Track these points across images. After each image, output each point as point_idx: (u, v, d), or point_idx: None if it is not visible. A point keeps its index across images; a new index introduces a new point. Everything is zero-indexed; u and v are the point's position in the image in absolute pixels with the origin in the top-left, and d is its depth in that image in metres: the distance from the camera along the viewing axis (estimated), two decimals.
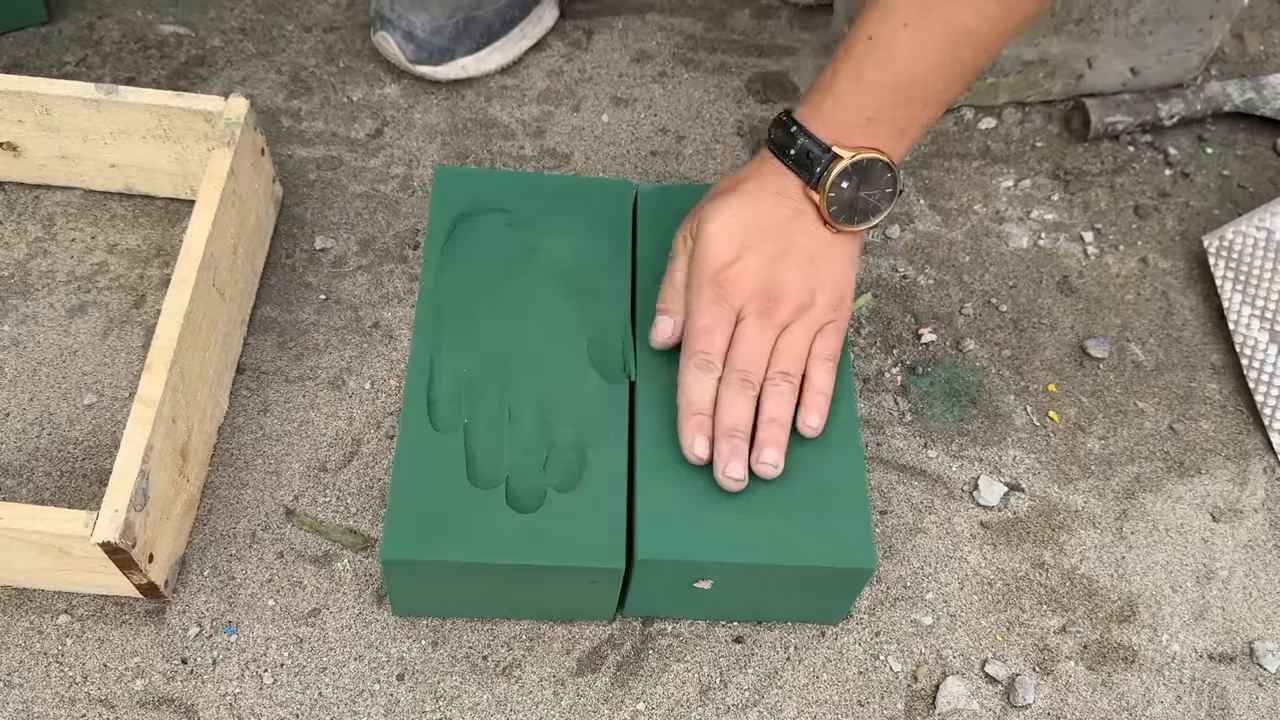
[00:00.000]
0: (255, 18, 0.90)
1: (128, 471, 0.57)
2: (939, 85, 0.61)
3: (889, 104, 0.61)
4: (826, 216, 0.62)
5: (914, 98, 0.61)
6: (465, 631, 0.63)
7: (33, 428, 0.68)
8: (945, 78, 0.61)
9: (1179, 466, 0.73)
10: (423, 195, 0.81)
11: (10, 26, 0.86)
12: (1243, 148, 0.89)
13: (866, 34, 0.60)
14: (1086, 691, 0.65)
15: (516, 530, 0.58)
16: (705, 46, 0.92)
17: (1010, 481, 0.71)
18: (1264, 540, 0.71)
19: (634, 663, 0.63)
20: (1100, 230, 0.84)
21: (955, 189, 0.85)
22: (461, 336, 0.64)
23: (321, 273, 0.76)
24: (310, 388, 0.71)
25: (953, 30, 0.59)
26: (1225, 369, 0.78)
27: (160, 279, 0.75)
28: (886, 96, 0.60)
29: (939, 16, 0.58)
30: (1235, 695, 0.65)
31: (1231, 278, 0.78)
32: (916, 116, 0.62)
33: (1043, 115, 0.90)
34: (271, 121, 0.84)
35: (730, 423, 0.60)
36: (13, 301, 0.73)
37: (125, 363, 0.71)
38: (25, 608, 0.63)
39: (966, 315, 0.79)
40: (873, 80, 0.60)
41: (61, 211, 0.77)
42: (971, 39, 0.60)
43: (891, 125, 0.61)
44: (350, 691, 0.61)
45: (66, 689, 0.60)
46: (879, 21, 0.59)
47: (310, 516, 0.67)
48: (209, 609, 0.63)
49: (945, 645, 0.65)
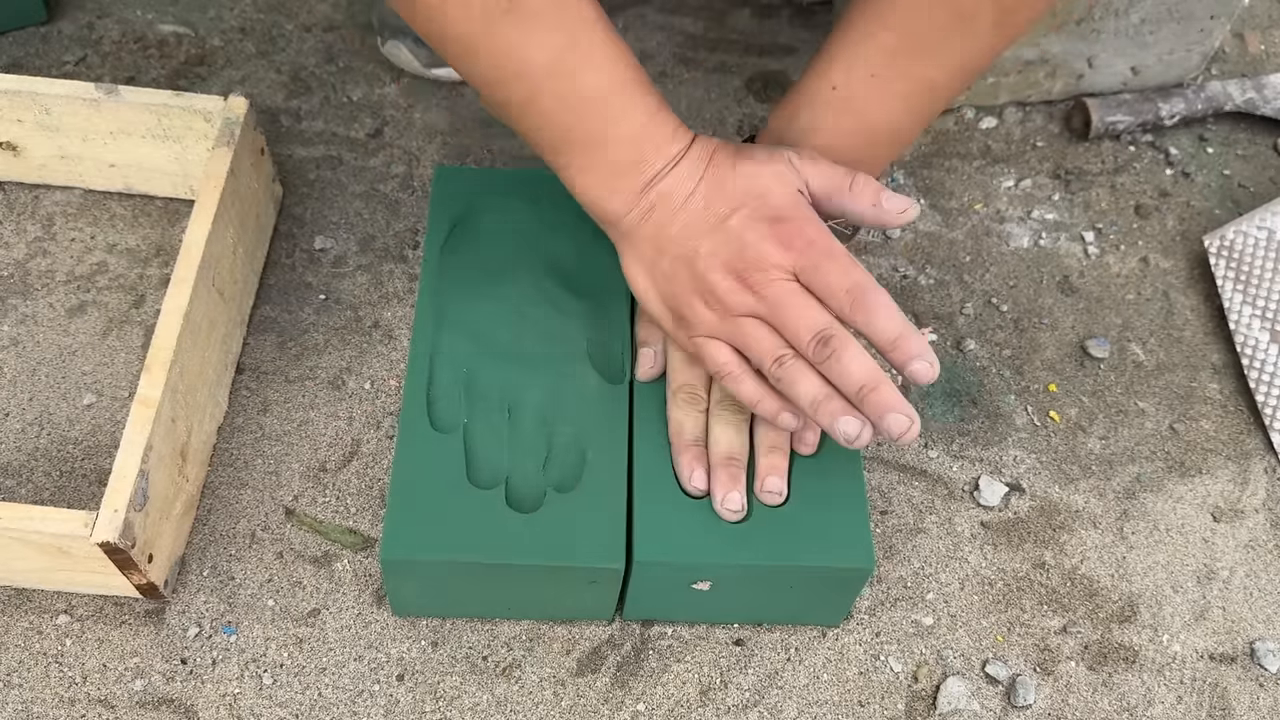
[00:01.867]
0: (255, 17, 0.90)
1: (127, 471, 0.57)
2: (905, 129, 0.61)
3: (851, 148, 0.60)
4: None
5: (878, 142, 0.61)
6: (465, 632, 0.63)
7: (32, 428, 0.68)
8: (912, 124, 0.61)
9: (1180, 466, 0.73)
10: (422, 195, 0.81)
11: (10, 26, 0.86)
12: (1243, 147, 0.89)
13: (831, 84, 0.59)
14: (1087, 692, 0.65)
15: (516, 530, 0.58)
16: (705, 46, 0.92)
17: (1011, 482, 0.71)
18: (1265, 540, 0.71)
19: (634, 663, 0.63)
20: (1101, 230, 0.84)
21: (956, 188, 0.85)
22: (461, 336, 0.64)
23: (321, 272, 0.76)
24: (310, 388, 0.71)
25: (919, 83, 0.59)
26: (1226, 369, 0.78)
27: (160, 279, 0.75)
28: (849, 141, 0.60)
29: (906, 70, 0.58)
30: (1236, 695, 0.65)
31: (1232, 277, 0.78)
32: (881, 156, 0.62)
33: (1043, 115, 0.90)
34: (271, 121, 0.84)
35: (725, 452, 0.60)
36: (12, 301, 0.73)
37: (125, 363, 0.71)
38: (25, 608, 0.63)
39: (967, 315, 0.79)
40: (841, 129, 0.60)
41: (61, 211, 0.77)
42: (939, 90, 0.60)
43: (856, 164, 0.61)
44: (350, 692, 0.61)
45: (66, 689, 0.60)
46: (845, 70, 0.59)
47: (310, 516, 0.67)
48: (208, 609, 0.63)
49: (946, 646, 0.65)
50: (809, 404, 0.55)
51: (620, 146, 0.56)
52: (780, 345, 0.55)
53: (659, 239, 0.57)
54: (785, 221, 0.55)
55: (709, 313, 0.56)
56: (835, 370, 0.54)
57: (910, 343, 0.53)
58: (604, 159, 0.56)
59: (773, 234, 0.55)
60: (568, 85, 0.54)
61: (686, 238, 0.56)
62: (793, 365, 0.55)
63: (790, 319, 0.54)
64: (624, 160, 0.56)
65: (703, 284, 0.56)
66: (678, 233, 0.56)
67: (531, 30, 0.52)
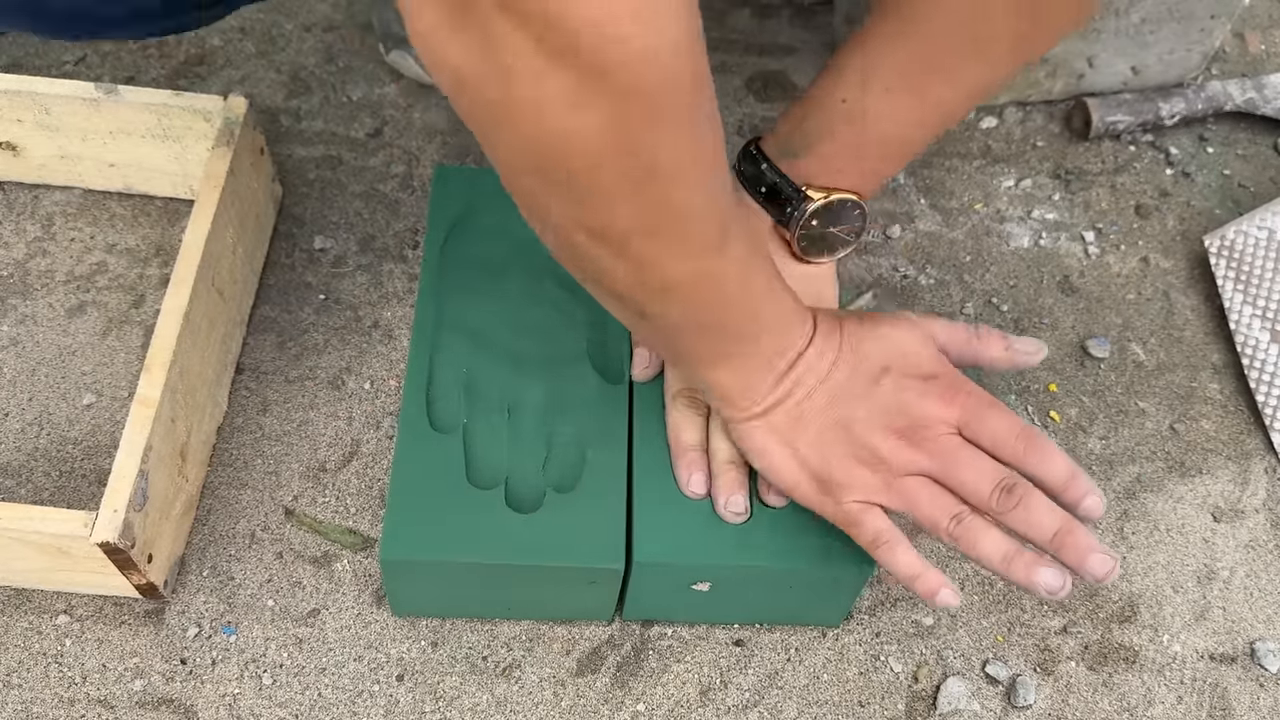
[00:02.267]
0: (255, 17, 0.89)
1: (127, 472, 0.57)
2: (915, 142, 0.61)
3: (860, 159, 0.60)
4: (796, 251, 0.62)
5: (888, 155, 0.61)
6: (465, 632, 0.63)
7: (32, 428, 0.68)
8: (923, 138, 0.61)
9: (1180, 466, 0.73)
10: (422, 195, 0.81)
11: None
12: (1244, 147, 0.89)
13: (840, 96, 0.59)
14: (1087, 692, 0.64)
15: (516, 530, 0.58)
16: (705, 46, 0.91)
17: None
18: (1265, 540, 0.71)
19: (634, 663, 0.63)
20: (1101, 230, 0.84)
21: (956, 188, 0.85)
22: (461, 336, 0.64)
23: (321, 272, 0.76)
24: (310, 388, 0.71)
25: (933, 102, 0.59)
26: (1226, 369, 0.78)
27: (159, 279, 0.75)
28: (859, 153, 0.60)
29: (921, 90, 0.58)
30: (1236, 695, 0.65)
31: (1233, 277, 0.78)
32: (891, 166, 0.62)
33: (1044, 114, 0.90)
34: (271, 121, 0.84)
35: (727, 457, 0.59)
36: (12, 301, 0.73)
37: (124, 363, 0.71)
38: (25, 608, 0.62)
39: (967, 315, 0.78)
40: (848, 140, 0.59)
41: (60, 211, 0.77)
42: (951, 109, 0.60)
43: (863, 175, 0.61)
44: (350, 692, 0.61)
45: (66, 689, 0.60)
46: (858, 85, 0.58)
47: (310, 517, 0.67)
48: (208, 609, 0.63)
49: (946, 646, 0.65)
50: (1000, 560, 0.53)
51: (771, 339, 0.54)
52: (955, 502, 0.54)
53: (802, 415, 0.55)
54: (939, 378, 0.55)
55: (871, 476, 0.55)
56: (1024, 519, 0.53)
57: (1082, 479, 0.53)
58: (756, 352, 0.54)
59: (930, 390, 0.55)
60: (749, 295, 0.52)
61: (837, 407, 0.55)
62: (972, 521, 0.53)
63: (966, 472, 0.53)
64: (773, 350, 0.54)
65: (863, 448, 0.54)
66: (825, 404, 0.55)
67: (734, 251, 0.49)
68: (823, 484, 0.55)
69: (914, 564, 0.54)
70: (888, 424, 0.54)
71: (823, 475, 0.55)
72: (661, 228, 0.45)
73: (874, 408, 0.55)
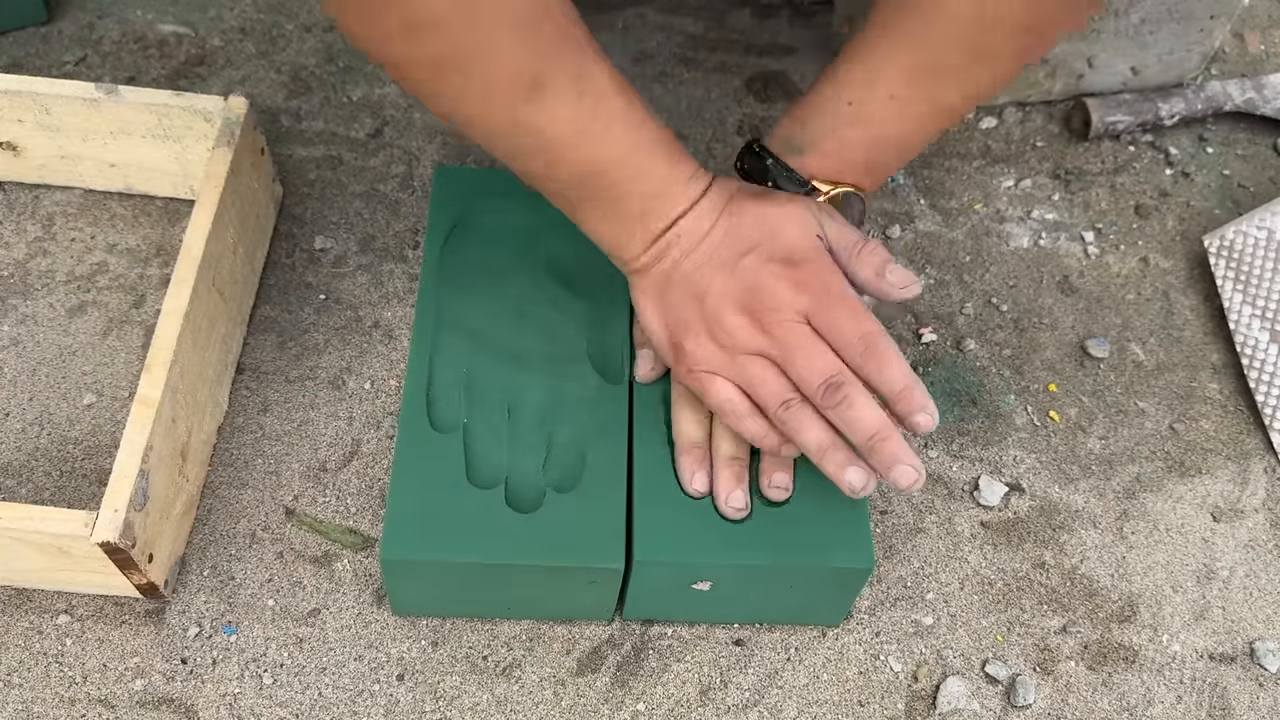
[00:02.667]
0: (255, 17, 0.90)
1: (127, 471, 0.57)
2: (916, 143, 0.62)
3: (864, 158, 0.60)
4: None
5: (891, 153, 0.61)
6: (465, 631, 0.63)
7: (32, 428, 0.68)
8: (923, 139, 0.62)
9: (1179, 466, 0.73)
10: (423, 195, 0.81)
11: (10, 26, 0.86)
12: (1243, 147, 0.89)
13: (846, 99, 0.59)
14: (1087, 692, 0.65)
15: (516, 530, 0.58)
16: (705, 46, 0.92)
17: (1011, 481, 0.71)
18: (1264, 540, 0.71)
19: (634, 663, 0.63)
20: (1101, 230, 0.84)
21: (955, 188, 0.85)
22: (461, 336, 0.64)
23: (321, 272, 0.76)
24: (310, 388, 0.71)
25: (936, 106, 0.59)
26: (1226, 369, 0.78)
27: (160, 279, 0.75)
28: (863, 153, 0.60)
29: (925, 93, 0.58)
30: (1236, 695, 0.65)
31: (1232, 277, 0.78)
32: (894, 164, 0.62)
33: (1043, 115, 0.90)
34: (271, 121, 0.84)
35: (729, 453, 0.60)
36: (12, 301, 0.73)
37: (125, 363, 0.71)
38: (25, 608, 0.63)
39: (967, 315, 0.79)
40: (852, 140, 0.60)
41: (61, 211, 0.77)
42: (954, 111, 0.60)
43: (866, 172, 0.61)
44: (350, 692, 0.61)
45: (66, 689, 0.60)
46: (863, 87, 0.59)
47: (310, 516, 0.67)
48: (209, 609, 0.63)
49: (946, 645, 0.65)
50: (815, 450, 0.55)
51: (639, 199, 0.56)
52: (787, 388, 0.55)
53: (671, 274, 0.57)
54: (800, 265, 0.56)
55: (716, 348, 0.56)
56: (845, 417, 0.54)
57: (916, 394, 0.53)
58: (623, 210, 0.57)
59: (787, 275, 0.55)
60: (588, 153, 0.54)
61: (699, 274, 0.56)
62: (799, 410, 0.55)
63: (800, 362, 0.54)
64: (643, 210, 0.56)
65: (712, 320, 0.56)
66: (691, 269, 0.57)
67: (553, 109, 0.52)
68: (675, 348, 0.58)
69: (759, 429, 0.57)
70: (739, 301, 0.56)
71: (676, 340, 0.58)
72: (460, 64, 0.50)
73: (731, 282, 0.56)
